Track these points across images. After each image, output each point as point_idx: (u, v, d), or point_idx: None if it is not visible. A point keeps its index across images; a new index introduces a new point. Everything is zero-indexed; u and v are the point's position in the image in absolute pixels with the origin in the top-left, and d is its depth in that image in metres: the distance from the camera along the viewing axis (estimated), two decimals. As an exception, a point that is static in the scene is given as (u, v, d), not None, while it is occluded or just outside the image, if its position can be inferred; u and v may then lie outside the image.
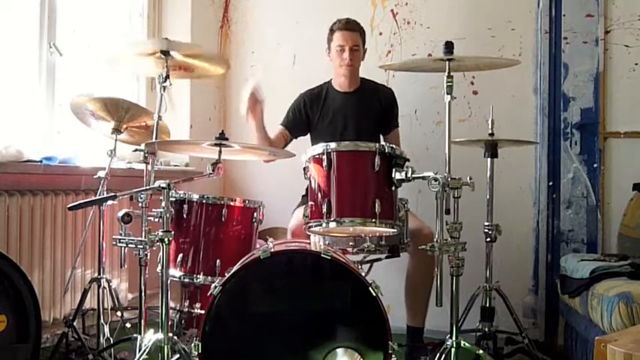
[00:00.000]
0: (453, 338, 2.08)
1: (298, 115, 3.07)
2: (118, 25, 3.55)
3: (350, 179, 2.15)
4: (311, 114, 3.06)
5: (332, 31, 2.98)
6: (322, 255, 2.00)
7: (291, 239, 2.69)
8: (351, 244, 2.38)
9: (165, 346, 2.00)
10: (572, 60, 3.15)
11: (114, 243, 2.18)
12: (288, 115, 3.10)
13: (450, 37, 2.34)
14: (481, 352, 2.22)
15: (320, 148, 2.17)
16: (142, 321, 2.29)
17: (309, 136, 3.11)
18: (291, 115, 3.09)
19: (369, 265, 2.77)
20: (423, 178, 2.06)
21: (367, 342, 1.98)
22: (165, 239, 2.03)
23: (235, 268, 2.08)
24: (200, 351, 1.96)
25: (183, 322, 2.51)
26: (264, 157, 2.87)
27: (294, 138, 3.10)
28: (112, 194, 2.27)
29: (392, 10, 3.54)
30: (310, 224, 2.18)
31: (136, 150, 2.51)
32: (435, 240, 2.04)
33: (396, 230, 2.18)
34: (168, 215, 2.05)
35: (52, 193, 2.88)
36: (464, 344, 2.10)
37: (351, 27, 2.95)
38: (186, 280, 2.43)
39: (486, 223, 2.68)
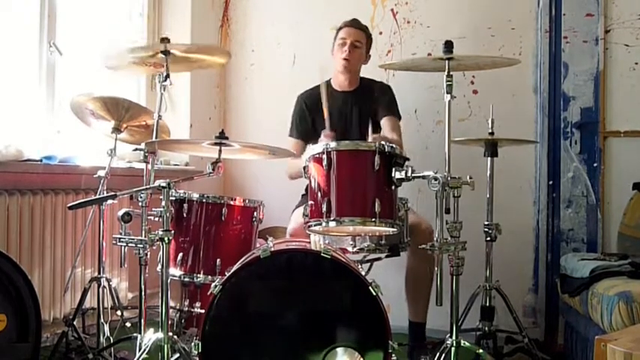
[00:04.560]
0: (453, 337, 2.08)
1: (304, 122, 3.05)
2: (117, 24, 3.55)
3: (350, 178, 2.15)
4: (313, 115, 3.04)
5: (339, 29, 3.02)
6: (322, 254, 2.00)
7: (291, 239, 2.69)
8: (350, 243, 2.38)
9: (165, 346, 1.99)
10: (572, 59, 3.15)
11: (114, 242, 2.18)
12: (296, 126, 3.07)
13: (449, 36, 2.34)
14: (481, 351, 2.23)
15: (320, 147, 2.16)
16: (142, 320, 2.29)
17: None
18: (300, 125, 3.06)
19: (369, 264, 2.76)
20: (423, 177, 2.06)
21: (367, 341, 1.98)
22: (165, 238, 2.03)
23: (235, 267, 2.08)
24: (200, 350, 1.96)
25: (183, 321, 2.51)
26: (265, 156, 2.85)
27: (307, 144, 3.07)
28: (112, 193, 2.27)
29: (392, 10, 3.54)
30: (310, 223, 2.18)
31: (136, 149, 2.51)
32: (434, 239, 2.04)
33: (395, 229, 2.17)
34: (168, 214, 2.05)
35: (52, 193, 2.88)
36: (464, 343, 2.10)
37: (357, 24, 2.99)
38: (187, 279, 2.43)
39: (486, 223, 2.68)
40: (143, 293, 2.30)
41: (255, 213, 2.51)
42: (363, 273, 2.28)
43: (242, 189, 3.82)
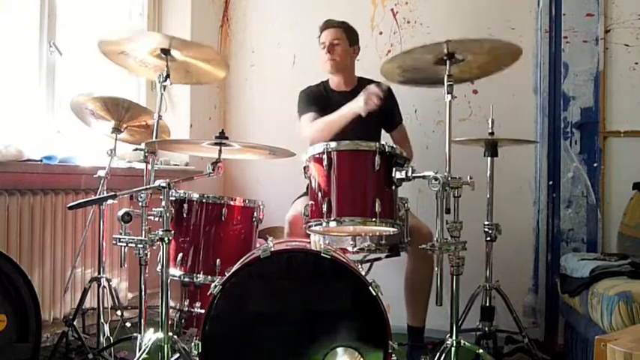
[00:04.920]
0: (453, 337, 2.08)
1: (317, 101, 2.99)
2: (118, 24, 3.55)
3: (350, 178, 2.15)
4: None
5: (319, 35, 3.04)
6: (322, 254, 2.00)
7: (288, 231, 2.70)
8: (351, 243, 2.38)
9: (165, 346, 2.00)
10: (572, 59, 3.15)
11: (114, 242, 2.18)
12: (310, 104, 2.98)
13: (450, 36, 2.33)
14: (481, 351, 2.22)
15: (320, 147, 2.16)
16: (142, 320, 2.29)
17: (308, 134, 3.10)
18: (315, 104, 2.98)
19: (369, 264, 2.77)
20: (424, 177, 2.06)
21: (367, 341, 1.98)
22: (165, 238, 2.03)
23: (235, 267, 2.08)
24: (200, 350, 1.96)
25: (183, 321, 2.52)
26: (265, 156, 2.85)
27: None
28: (112, 193, 2.27)
29: (392, 10, 3.54)
30: (310, 223, 2.18)
31: (136, 149, 2.51)
32: (435, 239, 2.04)
33: (396, 229, 2.17)
34: (168, 214, 2.06)
35: (52, 193, 2.88)
36: (464, 343, 2.10)
37: (329, 24, 3.01)
38: (186, 279, 2.43)
39: (486, 223, 2.68)
40: (143, 293, 2.30)
41: (255, 213, 2.51)
42: (363, 273, 2.28)
43: (242, 189, 3.82)
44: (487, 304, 2.67)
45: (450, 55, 2.25)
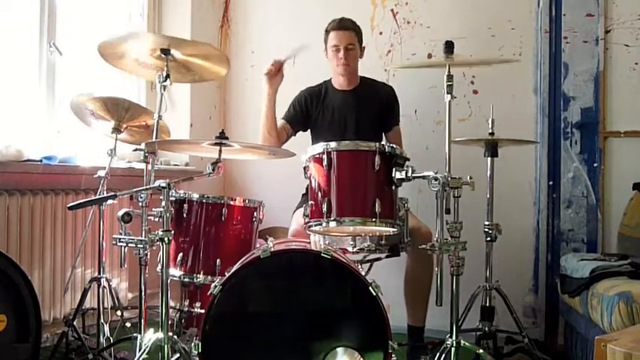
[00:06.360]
0: (453, 337, 2.08)
1: (299, 110, 3.08)
2: (118, 24, 3.55)
3: (350, 179, 2.15)
4: (311, 110, 3.07)
5: (327, 31, 3.00)
6: (322, 254, 2.00)
7: (291, 239, 2.69)
8: (351, 243, 2.38)
9: (166, 346, 1.99)
10: (572, 59, 3.15)
11: (114, 242, 2.17)
12: (289, 109, 3.11)
13: (449, 36, 2.35)
14: (481, 351, 2.22)
15: (320, 147, 2.16)
16: (142, 320, 2.28)
17: (309, 134, 3.11)
18: (292, 110, 3.10)
19: (369, 264, 2.76)
20: (424, 177, 2.06)
21: (367, 341, 1.98)
22: (165, 239, 2.03)
23: (235, 267, 2.08)
24: (200, 350, 1.96)
25: (183, 321, 2.51)
26: (265, 156, 2.86)
27: (295, 133, 3.10)
28: (112, 194, 2.27)
29: (392, 10, 3.54)
30: (310, 223, 2.18)
31: (136, 149, 2.50)
32: (434, 239, 2.04)
33: (396, 229, 2.17)
34: (168, 215, 2.05)
35: (52, 193, 2.88)
36: (464, 343, 2.10)
37: (344, 26, 2.96)
38: (186, 279, 2.43)
39: (486, 223, 2.68)
40: (143, 293, 2.30)
41: (255, 213, 2.51)
42: (363, 273, 2.28)
43: (242, 189, 3.82)
44: (487, 304, 2.67)
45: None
